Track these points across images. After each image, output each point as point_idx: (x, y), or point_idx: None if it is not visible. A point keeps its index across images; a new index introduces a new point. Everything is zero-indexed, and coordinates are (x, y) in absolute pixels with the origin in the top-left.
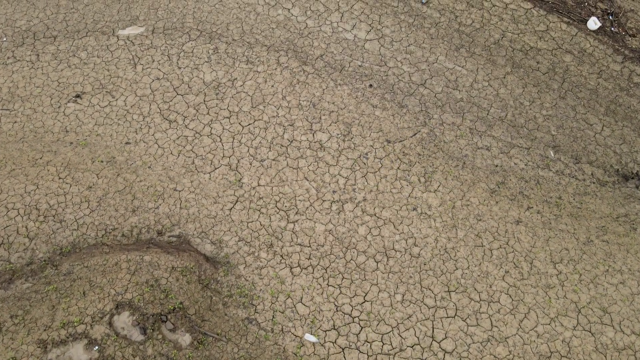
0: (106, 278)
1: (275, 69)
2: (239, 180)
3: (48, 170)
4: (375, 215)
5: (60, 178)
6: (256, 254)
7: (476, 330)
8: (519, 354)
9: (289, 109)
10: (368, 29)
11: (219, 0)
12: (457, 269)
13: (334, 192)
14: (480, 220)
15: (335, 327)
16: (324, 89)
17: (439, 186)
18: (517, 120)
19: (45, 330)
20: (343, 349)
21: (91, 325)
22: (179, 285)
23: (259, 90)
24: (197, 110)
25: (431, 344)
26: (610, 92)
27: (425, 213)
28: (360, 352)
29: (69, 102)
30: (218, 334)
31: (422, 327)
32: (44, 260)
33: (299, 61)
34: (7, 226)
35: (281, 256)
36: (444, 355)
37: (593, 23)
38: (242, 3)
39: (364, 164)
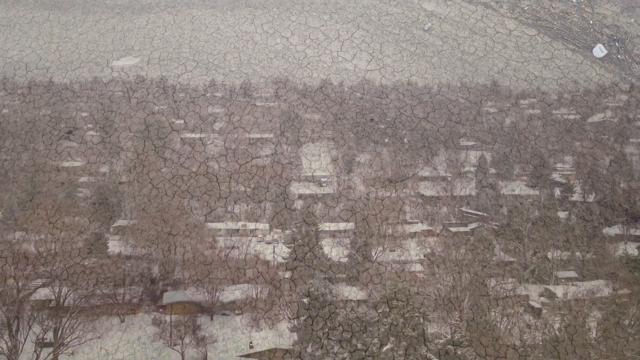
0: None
1: (274, 102)
2: (236, 223)
3: (38, 214)
4: None
5: (50, 222)
6: (253, 304)
7: None
8: None
9: (288, 146)
10: (369, 59)
11: (216, 28)
12: None
13: (333, 236)
14: None
15: None
16: (323, 124)
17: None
18: (522, 156)
19: None
20: None
21: None
22: (173, 341)
23: (257, 126)
24: (192, 148)
25: None
26: (617, 124)
27: None
28: None
29: (61, 138)
30: None
31: None
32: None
33: (297, 94)
34: None
35: (279, 307)
36: None
37: (599, 50)
38: (240, 31)
39: (365, 205)
